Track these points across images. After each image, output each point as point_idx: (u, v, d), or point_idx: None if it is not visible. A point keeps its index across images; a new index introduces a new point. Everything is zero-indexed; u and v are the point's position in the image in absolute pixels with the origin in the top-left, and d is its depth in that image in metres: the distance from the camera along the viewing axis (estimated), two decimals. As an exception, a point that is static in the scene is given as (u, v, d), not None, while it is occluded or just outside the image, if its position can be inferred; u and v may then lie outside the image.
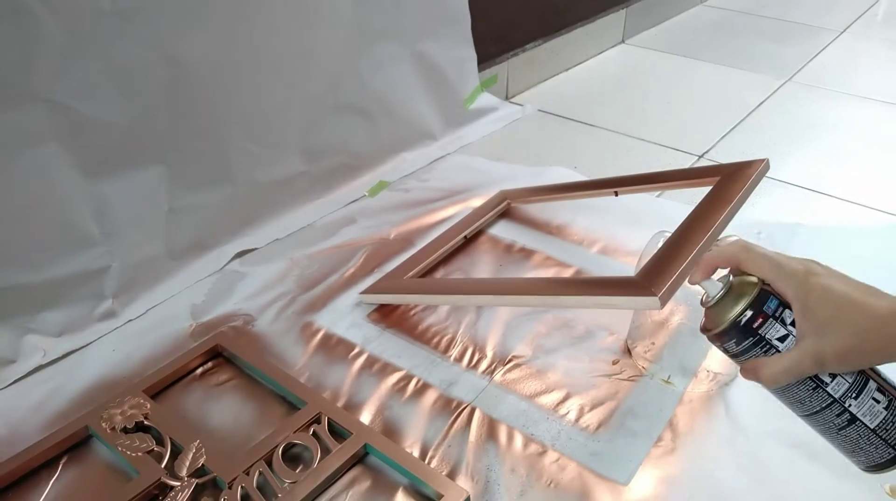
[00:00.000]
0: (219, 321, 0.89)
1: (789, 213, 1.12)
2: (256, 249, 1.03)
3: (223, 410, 0.77)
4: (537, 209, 1.11)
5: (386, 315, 0.90)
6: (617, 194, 0.99)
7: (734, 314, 0.49)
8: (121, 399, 0.74)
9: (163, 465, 0.68)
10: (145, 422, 0.72)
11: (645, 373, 0.80)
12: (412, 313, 0.90)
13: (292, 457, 0.70)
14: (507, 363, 0.82)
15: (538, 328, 0.87)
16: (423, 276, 0.95)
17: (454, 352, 0.84)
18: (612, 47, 1.87)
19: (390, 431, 0.73)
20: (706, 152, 1.34)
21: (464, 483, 0.67)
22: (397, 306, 0.91)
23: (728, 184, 0.81)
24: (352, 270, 0.98)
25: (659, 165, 1.29)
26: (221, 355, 0.83)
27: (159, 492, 0.66)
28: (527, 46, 1.57)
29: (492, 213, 1.08)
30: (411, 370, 0.81)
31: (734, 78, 1.68)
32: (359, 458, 0.70)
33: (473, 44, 1.36)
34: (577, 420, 0.74)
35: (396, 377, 0.80)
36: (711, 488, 0.67)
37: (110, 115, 0.84)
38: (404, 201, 1.15)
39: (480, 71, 1.42)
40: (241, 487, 0.65)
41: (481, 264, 0.99)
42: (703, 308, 0.53)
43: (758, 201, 1.15)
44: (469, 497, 0.65)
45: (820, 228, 1.08)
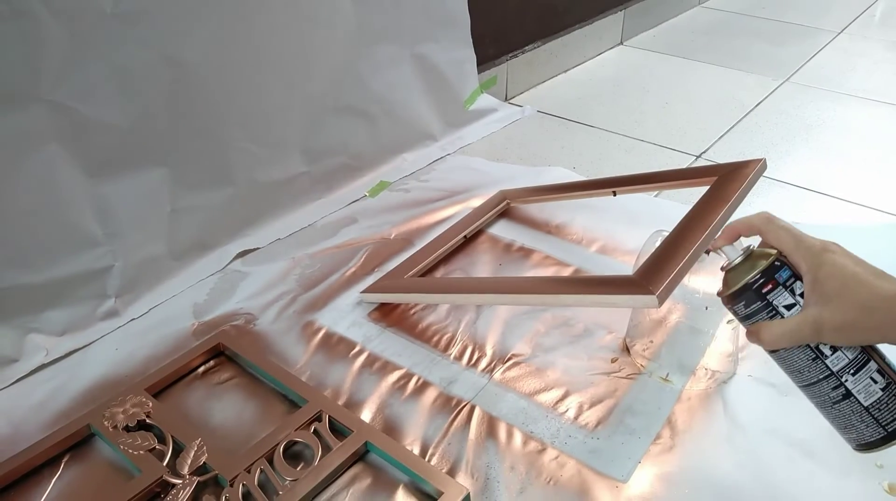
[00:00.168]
0: (220, 320, 0.90)
1: (787, 212, 1.12)
2: (258, 248, 1.04)
3: (225, 408, 0.77)
4: (536, 209, 1.12)
5: (386, 314, 0.90)
6: (615, 194, 1.00)
7: (747, 278, 0.53)
8: (123, 398, 0.74)
9: (164, 463, 0.68)
10: (147, 421, 0.73)
11: (643, 371, 0.80)
12: (412, 312, 0.90)
13: (293, 455, 0.71)
14: (507, 361, 0.82)
15: (537, 326, 0.87)
16: (424, 275, 0.96)
17: (454, 351, 0.84)
18: (610, 49, 1.88)
19: (391, 429, 0.74)
20: (704, 152, 1.34)
21: (464, 480, 0.68)
22: (398, 305, 0.91)
23: (725, 184, 0.81)
24: (352, 269, 0.99)
25: (657, 165, 1.29)
26: (223, 353, 0.84)
27: (161, 490, 0.67)
28: (526, 48, 1.58)
29: (491, 213, 1.08)
30: (411, 369, 0.81)
31: (732, 79, 1.68)
32: (359, 456, 0.70)
33: (473, 45, 1.36)
34: (576, 418, 0.75)
35: (397, 375, 0.81)
36: (710, 485, 0.68)
37: (112, 116, 0.85)
38: (405, 201, 1.15)
39: (480, 72, 1.43)
40: (243, 485, 0.66)
41: (481, 264, 1.00)
42: (722, 273, 0.56)
43: (755, 200, 1.15)
44: (469, 494, 0.66)
45: (817, 227, 1.06)
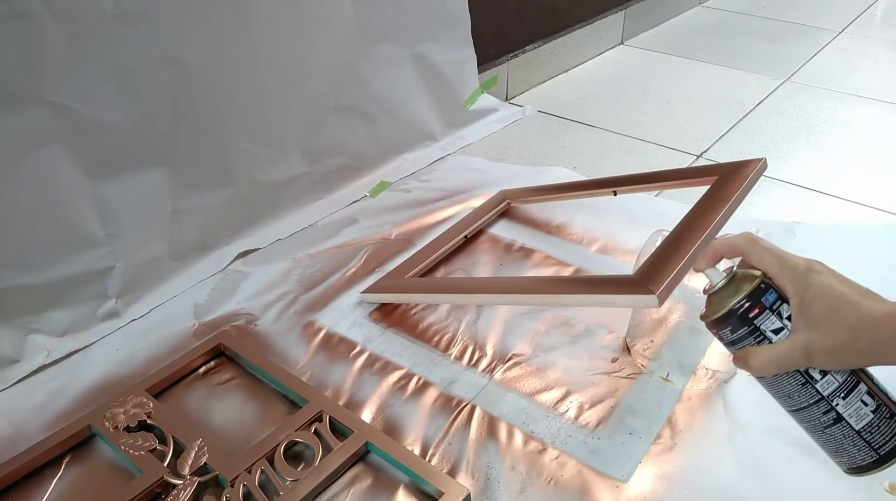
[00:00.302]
0: (221, 320, 0.90)
1: (787, 212, 1.13)
2: (259, 249, 1.04)
3: (225, 409, 0.77)
4: (537, 209, 1.12)
5: (387, 314, 0.90)
6: (616, 194, 1.00)
7: (732, 302, 0.50)
8: (124, 398, 0.75)
9: (165, 464, 0.68)
10: (148, 421, 0.73)
11: (644, 371, 0.80)
12: (413, 312, 0.91)
13: (294, 455, 0.71)
14: (507, 361, 0.82)
15: (538, 326, 0.87)
16: (424, 275, 0.96)
17: (454, 351, 0.84)
18: (611, 48, 1.88)
19: (391, 429, 0.74)
20: (704, 152, 1.34)
21: (464, 480, 0.68)
22: (398, 306, 0.91)
23: (725, 183, 0.81)
24: (353, 269, 0.99)
25: (657, 164, 1.29)
26: (224, 354, 0.84)
27: (162, 491, 0.67)
28: (526, 48, 1.58)
29: (492, 212, 1.08)
30: (412, 369, 0.81)
31: (732, 78, 1.68)
32: (360, 456, 0.71)
33: (473, 45, 1.37)
34: (576, 418, 0.75)
35: (397, 375, 0.81)
36: (710, 485, 0.68)
37: (113, 116, 0.85)
38: (405, 202, 1.15)
39: (480, 72, 1.43)
40: (243, 485, 0.66)
41: (481, 264, 1.00)
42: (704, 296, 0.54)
43: (755, 200, 1.15)
44: (469, 494, 0.66)
45: (817, 226, 1.08)
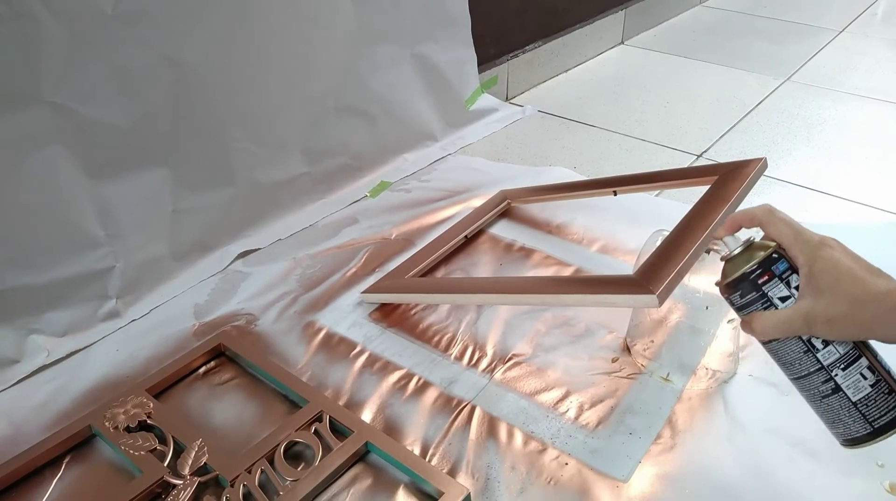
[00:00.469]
0: (221, 320, 0.90)
1: (788, 211, 1.11)
2: (259, 249, 1.04)
3: (225, 409, 0.77)
4: (537, 209, 1.12)
5: (387, 314, 0.90)
6: (616, 194, 1.00)
7: (744, 268, 0.54)
8: (124, 399, 0.75)
9: (165, 464, 0.68)
10: (148, 421, 0.73)
11: (644, 371, 0.80)
12: (413, 312, 0.91)
13: (294, 455, 0.71)
14: (507, 361, 0.82)
15: (538, 326, 0.87)
16: (424, 275, 0.96)
17: (455, 351, 0.84)
18: (611, 48, 1.88)
19: (391, 429, 0.74)
20: (705, 152, 1.34)
21: (464, 480, 0.68)
22: (398, 306, 0.91)
23: (726, 183, 0.81)
24: (353, 269, 0.99)
25: (658, 164, 1.29)
26: (224, 354, 0.84)
27: (162, 491, 0.67)
28: (527, 48, 1.58)
29: (492, 212, 1.08)
30: (412, 369, 0.81)
31: (733, 78, 1.68)
32: (360, 456, 0.71)
33: (473, 45, 1.37)
34: (576, 418, 0.75)
35: (397, 375, 0.81)
36: (710, 485, 0.67)
37: (113, 117, 0.85)
38: (405, 202, 1.15)
39: (481, 72, 1.43)
40: (244, 485, 0.66)
41: (482, 264, 1.00)
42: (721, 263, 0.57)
43: (756, 199, 1.15)
44: (469, 494, 0.66)
45: (818, 226, 1.07)
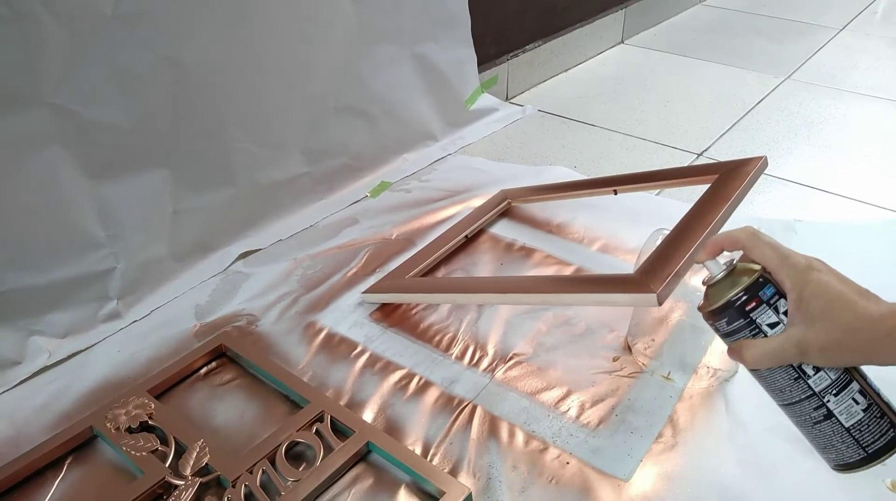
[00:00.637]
0: (223, 321, 0.90)
1: (788, 210, 1.13)
2: (260, 250, 1.04)
3: (227, 409, 0.77)
4: (538, 208, 1.12)
5: (388, 314, 0.90)
6: (616, 193, 1.00)
7: (730, 295, 0.51)
8: (125, 400, 0.75)
9: (167, 464, 0.68)
10: (150, 422, 0.73)
11: (645, 370, 0.80)
12: (414, 312, 0.91)
13: (295, 455, 0.71)
14: (508, 360, 0.82)
15: (539, 325, 0.87)
16: (425, 275, 0.96)
17: (455, 350, 0.84)
18: (611, 47, 1.88)
19: (392, 429, 0.74)
20: (705, 150, 1.34)
21: (465, 480, 0.68)
22: (399, 306, 0.91)
23: (726, 181, 0.81)
24: (354, 270, 0.99)
25: (658, 163, 1.29)
26: (225, 354, 0.84)
27: (163, 491, 0.67)
28: (527, 47, 1.58)
29: (492, 212, 1.08)
30: (413, 369, 0.82)
31: (733, 76, 1.68)
32: (361, 456, 0.71)
33: (473, 45, 1.37)
34: (577, 417, 0.75)
35: (398, 375, 0.81)
36: (712, 483, 0.68)
37: (113, 118, 0.85)
38: (406, 202, 1.16)
39: (481, 72, 1.43)
40: (245, 485, 0.66)
41: (482, 263, 1.00)
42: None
43: (756, 198, 1.15)
44: (471, 494, 0.66)
45: (818, 224, 1.08)
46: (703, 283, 0.54)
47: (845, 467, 0.51)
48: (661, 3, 2.05)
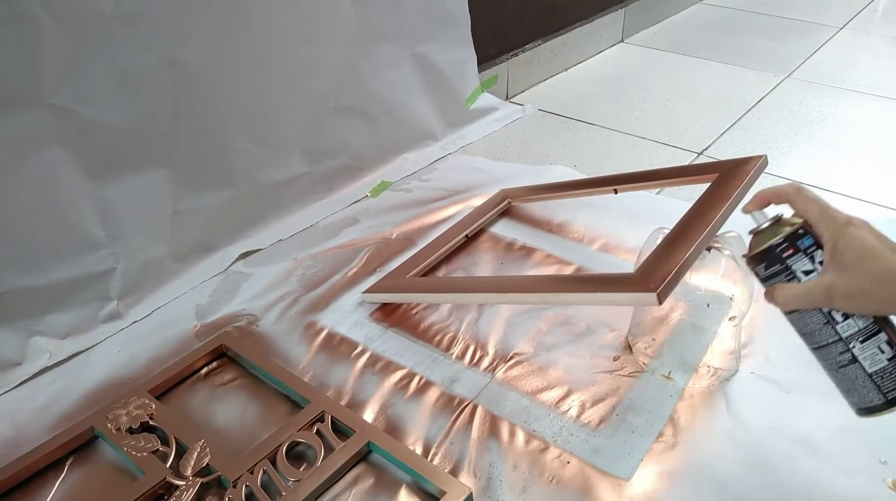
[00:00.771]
0: (223, 321, 0.90)
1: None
2: (260, 250, 1.04)
3: (228, 409, 0.77)
4: (538, 208, 1.12)
5: (388, 314, 0.90)
6: (616, 192, 0.99)
7: (770, 242, 0.57)
8: (126, 400, 0.75)
9: (168, 465, 0.68)
10: (150, 422, 0.73)
11: (646, 369, 0.80)
12: (414, 311, 0.91)
13: (296, 455, 0.71)
14: (509, 360, 0.82)
15: (539, 325, 0.87)
16: (425, 275, 0.96)
17: (456, 350, 0.84)
18: (611, 46, 1.88)
19: (393, 429, 0.74)
20: (705, 149, 1.34)
21: (466, 479, 0.68)
22: (399, 305, 0.91)
23: (726, 180, 0.81)
24: (354, 269, 0.99)
25: (658, 162, 1.29)
26: (226, 355, 0.84)
27: (164, 492, 0.67)
28: (526, 47, 1.58)
29: (493, 212, 1.08)
30: (413, 369, 0.82)
31: (733, 75, 1.68)
32: (362, 456, 0.71)
33: (473, 44, 1.36)
34: (578, 417, 0.75)
35: (399, 375, 0.81)
36: (712, 483, 0.67)
37: (113, 118, 0.85)
38: (406, 201, 1.16)
39: (480, 71, 1.43)
40: (246, 486, 0.66)
41: (482, 263, 1.00)
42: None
43: (757, 197, 1.15)
44: (471, 493, 0.66)
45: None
46: (750, 232, 0.59)
47: (866, 411, 0.55)
48: (661, 2, 2.05)
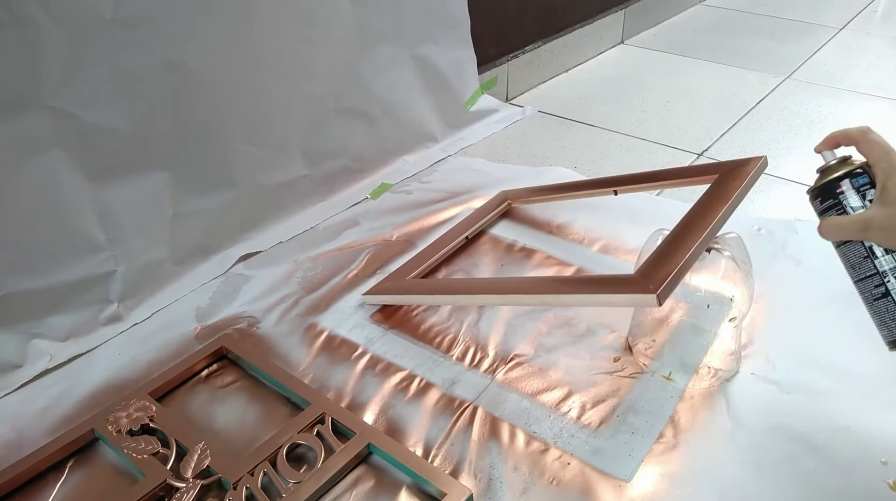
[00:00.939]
0: (223, 323, 0.90)
1: (788, 209, 1.13)
2: (260, 252, 1.04)
3: (228, 411, 0.77)
4: (538, 209, 1.12)
5: (389, 316, 0.90)
6: (616, 193, 0.99)
7: (828, 178, 0.60)
8: (126, 402, 0.75)
9: (168, 467, 0.68)
10: (151, 424, 0.73)
11: (646, 370, 0.80)
12: (414, 313, 0.91)
13: (296, 457, 0.71)
14: (509, 361, 0.82)
15: (539, 326, 0.87)
16: (426, 276, 0.96)
17: (456, 352, 0.84)
18: (611, 48, 1.88)
19: (393, 430, 0.74)
20: (705, 150, 1.34)
21: (467, 481, 0.68)
22: (400, 307, 0.91)
23: (726, 181, 0.81)
24: (355, 271, 0.99)
25: (658, 163, 1.29)
26: (226, 357, 0.84)
27: (165, 494, 0.67)
28: (526, 48, 1.58)
29: (493, 213, 1.09)
30: (414, 370, 0.82)
31: (733, 76, 1.68)
32: (362, 458, 0.71)
33: (473, 46, 1.37)
34: (578, 418, 0.75)
35: (399, 376, 0.81)
36: (713, 483, 0.67)
37: (114, 121, 0.85)
38: (406, 203, 1.16)
39: (480, 73, 1.43)
40: (246, 488, 0.66)
41: (483, 264, 1.00)
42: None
43: (756, 198, 1.15)
44: (472, 495, 0.66)
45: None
46: (817, 170, 0.62)
47: (895, 343, 0.59)
48: (661, 4, 2.05)
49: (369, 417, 0.75)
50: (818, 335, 0.84)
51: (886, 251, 0.57)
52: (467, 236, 1.03)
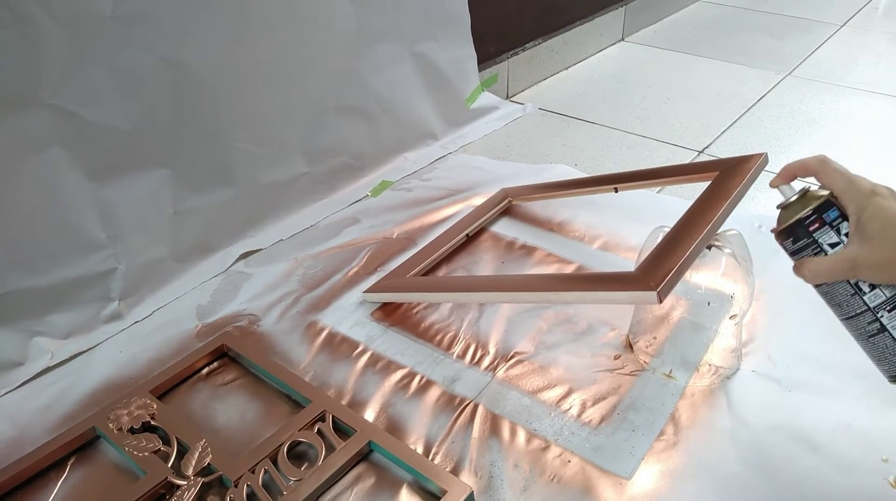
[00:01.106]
0: (224, 321, 0.90)
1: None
2: (261, 250, 1.04)
3: (229, 409, 0.77)
4: (538, 207, 1.12)
5: (389, 314, 0.90)
6: (617, 191, 0.99)
7: (797, 216, 0.57)
8: (127, 400, 0.75)
9: (169, 464, 0.68)
10: (152, 422, 0.73)
11: (647, 368, 0.80)
12: (415, 311, 0.91)
13: (297, 455, 0.71)
14: (510, 359, 0.82)
15: (540, 324, 0.87)
16: (426, 274, 0.96)
17: (457, 349, 0.84)
18: (611, 45, 1.88)
19: (394, 428, 0.74)
20: (706, 148, 1.34)
21: (467, 478, 0.68)
22: (400, 305, 0.91)
23: (727, 178, 0.81)
24: (355, 269, 0.99)
25: (659, 160, 1.29)
26: (227, 355, 0.84)
27: (166, 491, 0.67)
28: (527, 45, 1.58)
29: (493, 211, 1.08)
30: (414, 368, 0.82)
31: (734, 73, 1.68)
32: (363, 455, 0.71)
33: (473, 43, 1.36)
34: (579, 415, 0.75)
35: (400, 374, 0.81)
36: (713, 481, 0.67)
37: (114, 119, 0.85)
38: (407, 201, 1.16)
39: (481, 70, 1.43)
40: (247, 485, 0.66)
41: (483, 262, 1.00)
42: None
43: (757, 195, 1.15)
44: (472, 492, 0.66)
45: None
46: (777, 207, 0.59)
47: None
48: (662, 1, 2.05)
49: (370, 414, 0.76)
50: (819, 332, 0.84)
51: (872, 286, 0.54)
52: (468, 234, 1.03)
